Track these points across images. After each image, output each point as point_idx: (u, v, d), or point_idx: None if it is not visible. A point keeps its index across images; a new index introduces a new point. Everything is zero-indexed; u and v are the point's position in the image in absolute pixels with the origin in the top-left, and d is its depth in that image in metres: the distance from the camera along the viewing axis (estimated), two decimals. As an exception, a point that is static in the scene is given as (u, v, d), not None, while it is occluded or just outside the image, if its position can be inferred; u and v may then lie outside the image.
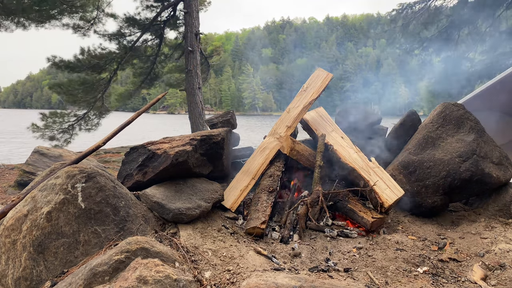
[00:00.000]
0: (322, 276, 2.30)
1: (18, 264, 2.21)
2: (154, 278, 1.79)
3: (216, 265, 2.37)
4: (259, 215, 3.08)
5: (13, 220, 2.33)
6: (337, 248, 2.89)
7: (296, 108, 4.01)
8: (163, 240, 2.55)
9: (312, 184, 3.47)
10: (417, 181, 3.73)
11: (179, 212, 2.75)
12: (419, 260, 2.67)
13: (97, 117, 10.14)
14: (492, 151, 3.77)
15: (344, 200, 3.44)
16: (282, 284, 1.90)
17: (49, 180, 2.46)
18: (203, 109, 9.39)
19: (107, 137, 3.04)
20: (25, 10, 7.67)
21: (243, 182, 3.55)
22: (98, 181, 2.47)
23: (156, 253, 2.08)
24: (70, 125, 9.55)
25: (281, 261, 2.56)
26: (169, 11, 10.71)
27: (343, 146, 3.84)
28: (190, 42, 9.25)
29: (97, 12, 9.56)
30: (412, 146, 3.97)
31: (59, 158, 5.69)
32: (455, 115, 3.96)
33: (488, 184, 3.64)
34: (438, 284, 2.36)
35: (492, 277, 2.44)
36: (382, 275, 2.44)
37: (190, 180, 3.17)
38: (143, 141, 3.33)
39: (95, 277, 1.87)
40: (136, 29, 10.28)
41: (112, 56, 9.83)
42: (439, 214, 3.75)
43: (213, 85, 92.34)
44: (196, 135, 3.31)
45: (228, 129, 3.91)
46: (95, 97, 9.82)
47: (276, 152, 3.79)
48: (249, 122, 37.19)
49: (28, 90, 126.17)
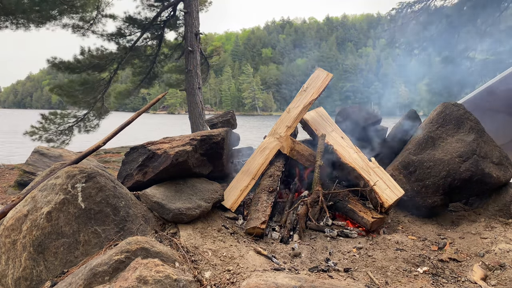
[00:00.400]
0: (322, 276, 2.30)
1: (18, 264, 2.21)
2: (154, 278, 1.79)
3: (216, 265, 2.37)
4: (259, 215, 3.08)
5: (13, 220, 2.33)
6: (337, 248, 2.89)
7: (296, 108, 4.01)
8: (163, 240, 2.56)
9: (312, 184, 3.47)
10: (417, 181, 3.73)
11: (179, 212, 2.75)
12: (419, 260, 2.67)
13: (96, 118, 10.14)
14: (492, 151, 3.77)
15: (344, 200, 3.44)
16: (282, 284, 1.90)
17: (49, 180, 2.46)
18: (203, 109, 9.39)
19: (107, 137, 3.05)
20: (25, 11, 7.66)
21: (243, 182, 3.55)
22: (98, 181, 2.47)
23: (156, 253, 2.09)
24: (69, 127, 9.55)
25: (281, 261, 2.56)
26: (169, 11, 10.71)
27: (343, 146, 3.84)
28: (190, 42, 9.25)
29: (97, 13, 9.56)
30: (412, 146, 3.97)
31: (59, 158, 5.69)
32: (455, 115, 3.96)
33: (488, 184, 3.64)
34: (438, 284, 2.36)
35: (492, 277, 2.44)
36: (382, 275, 2.44)
37: (190, 180, 3.17)
38: (143, 141, 3.32)
39: (95, 277, 1.87)
40: (136, 29, 10.28)
41: (112, 56, 9.83)
42: (439, 214, 3.75)
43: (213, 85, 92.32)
44: (196, 135, 3.31)
45: (228, 129, 3.91)
46: (95, 98, 9.82)
47: (276, 152, 3.79)
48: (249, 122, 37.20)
49: (28, 90, 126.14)
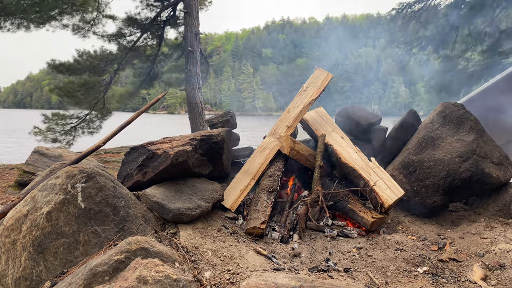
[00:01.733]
0: (322, 276, 2.30)
1: (18, 264, 2.21)
2: (154, 278, 1.79)
3: (216, 265, 2.37)
4: (259, 215, 3.08)
5: (13, 220, 2.33)
6: (337, 248, 2.89)
7: (296, 108, 4.01)
8: (163, 240, 2.55)
9: (312, 184, 3.47)
10: (417, 181, 3.73)
11: (179, 212, 2.75)
12: (419, 260, 2.67)
13: (98, 119, 10.11)
14: (492, 151, 3.77)
15: (344, 200, 3.44)
16: (282, 284, 1.90)
17: (49, 180, 2.46)
18: (203, 109, 9.38)
19: (107, 137, 3.04)
20: (25, 11, 7.65)
21: (243, 182, 3.55)
22: (98, 181, 2.47)
23: (156, 253, 2.09)
24: (72, 127, 9.53)
25: (281, 261, 2.56)
26: (169, 11, 10.70)
27: (343, 146, 3.84)
28: (190, 42, 9.25)
29: (97, 13, 9.55)
30: (412, 146, 3.97)
31: (59, 158, 5.68)
32: (455, 115, 3.96)
33: (488, 184, 3.64)
34: (438, 284, 2.36)
35: (492, 277, 2.44)
36: (382, 275, 2.44)
37: (190, 180, 3.17)
38: (143, 141, 3.32)
39: (95, 277, 1.87)
40: (136, 29, 10.27)
41: (112, 56, 9.82)
42: (439, 214, 3.75)
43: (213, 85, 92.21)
44: (196, 135, 3.31)
45: (228, 129, 3.91)
46: (96, 98, 9.79)
47: (276, 152, 3.79)
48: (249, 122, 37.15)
49: (28, 90, 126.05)
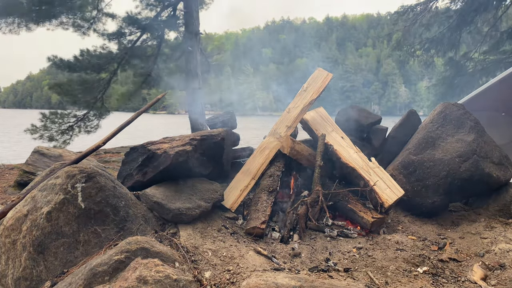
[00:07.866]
0: (322, 276, 2.30)
1: (18, 264, 2.21)
2: (154, 278, 1.79)
3: (216, 265, 2.37)
4: (259, 215, 3.08)
5: (13, 220, 2.33)
6: (337, 248, 2.89)
7: (296, 108, 4.00)
8: (163, 240, 2.55)
9: (312, 184, 3.47)
10: (417, 181, 3.73)
11: (179, 212, 2.75)
12: (419, 260, 2.67)
13: (97, 118, 10.10)
14: (492, 151, 3.77)
15: (344, 200, 3.44)
16: (282, 284, 1.90)
17: (49, 180, 2.46)
18: (203, 109, 9.38)
19: (107, 137, 3.04)
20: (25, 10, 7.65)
21: (243, 182, 3.55)
22: (98, 181, 2.47)
23: (156, 253, 2.09)
24: (69, 126, 9.52)
25: (281, 261, 2.56)
26: (169, 10, 10.70)
27: (343, 146, 3.84)
28: (190, 42, 9.24)
29: (96, 12, 9.55)
30: (412, 146, 3.97)
31: (59, 158, 5.68)
32: (455, 115, 3.96)
33: (488, 184, 3.64)
34: (438, 284, 2.36)
35: (492, 277, 2.44)
36: (382, 275, 2.44)
37: (190, 180, 3.17)
38: (143, 141, 3.32)
39: (95, 277, 1.87)
40: (136, 28, 10.26)
41: (112, 55, 9.81)
42: (439, 214, 3.75)
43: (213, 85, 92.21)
44: (196, 135, 3.31)
45: (228, 129, 3.91)
46: (95, 97, 9.78)
47: (276, 152, 3.79)
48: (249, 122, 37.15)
49: (28, 90, 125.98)
